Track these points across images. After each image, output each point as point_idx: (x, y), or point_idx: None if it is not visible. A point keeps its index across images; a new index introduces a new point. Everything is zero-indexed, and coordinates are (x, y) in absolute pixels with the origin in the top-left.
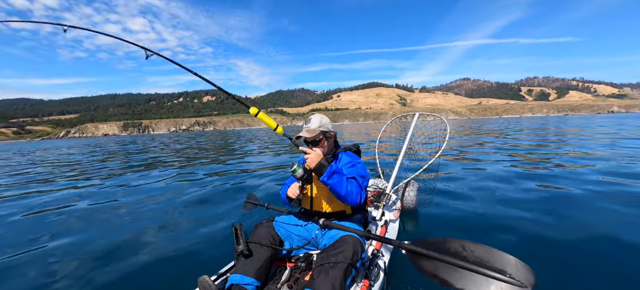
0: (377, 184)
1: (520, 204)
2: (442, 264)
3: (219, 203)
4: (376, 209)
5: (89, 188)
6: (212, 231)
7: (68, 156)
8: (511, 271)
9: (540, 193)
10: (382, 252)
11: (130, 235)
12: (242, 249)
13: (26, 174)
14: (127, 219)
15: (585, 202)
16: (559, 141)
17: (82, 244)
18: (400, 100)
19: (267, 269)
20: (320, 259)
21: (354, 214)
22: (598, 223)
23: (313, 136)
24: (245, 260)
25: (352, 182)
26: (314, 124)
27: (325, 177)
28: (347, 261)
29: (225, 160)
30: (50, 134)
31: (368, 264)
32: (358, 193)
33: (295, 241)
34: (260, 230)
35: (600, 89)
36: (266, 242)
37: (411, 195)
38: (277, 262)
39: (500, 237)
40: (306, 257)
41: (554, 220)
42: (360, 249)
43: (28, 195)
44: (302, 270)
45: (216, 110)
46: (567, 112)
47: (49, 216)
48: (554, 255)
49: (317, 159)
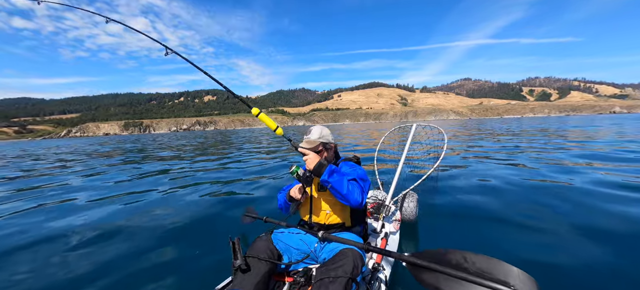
0: (376, 195)
1: (524, 213)
2: (443, 276)
3: (216, 215)
4: (376, 220)
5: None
6: (209, 245)
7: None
8: (514, 282)
9: (545, 201)
10: (383, 265)
11: (123, 247)
12: (239, 263)
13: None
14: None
15: (599, 212)
16: (563, 142)
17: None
18: (401, 100)
19: (266, 284)
20: (319, 273)
21: (353, 226)
22: (615, 240)
23: (313, 147)
24: (242, 275)
25: (352, 182)
26: (314, 135)
27: (326, 176)
28: (347, 275)
29: (222, 167)
30: (52, 134)
31: (369, 277)
32: (359, 192)
33: (294, 255)
34: (259, 244)
35: (602, 89)
36: (264, 257)
37: (411, 206)
38: (276, 277)
39: (502, 247)
40: (305, 271)
41: (559, 229)
42: (360, 263)
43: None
44: (301, 285)
45: (217, 110)
46: (568, 113)
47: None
48: (561, 268)
49: (316, 159)
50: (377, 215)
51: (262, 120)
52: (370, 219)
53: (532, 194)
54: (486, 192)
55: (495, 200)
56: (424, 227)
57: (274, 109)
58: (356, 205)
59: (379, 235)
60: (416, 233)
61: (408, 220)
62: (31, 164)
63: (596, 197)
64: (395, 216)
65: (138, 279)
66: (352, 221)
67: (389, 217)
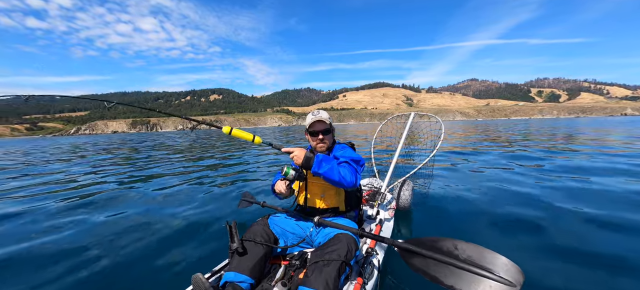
0: (372, 182)
1: (516, 204)
2: (433, 262)
3: (213, 200)
4: (371, 207)
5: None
6: (206, 228)
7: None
8: (501, 270)
9: (539, 193)
10: (376, 250)
11: (121, 231)
12: (236, 246)
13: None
14: (117, 216)
15: (589, 203)
16: (566, 142)
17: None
18: (407, 101)
19: (262, 267)
20: (314, 256)
21: (348, 212)
22: (599, 226)
23: (327, 125)
24: (239, 258)
25: (344, 165)
26: (324, 115)
27: (316, 168)
28: (340, 259)
29: (221, 157)
30: (62, 131)
31: (362, 261)
32: (352, 174)
33: (290, 239)
34: (255, 228)
35: (613, 90)
36: (261, 240)
37: (406, 194)
38: (272, 260)
39: (493, 237)
40: (301, 255)
41: (551, 221)
42: (354, 247)
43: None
44: (296, 268)
45: (222, 109)
46: (578, 114)
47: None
48: (549, 259)
49: (302, 153)
50: (373, 202)
51: (235, 135)
52: (366, 206)
53: (531, 186)
54: (481, 184)
55: (490, 191)
56: (418, 215)
57: (279, 109)
58: (351, 186)
59: (374, 222)
60: (410, 221)
61: (403, 208)
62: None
63: (598, 198)
64: (390, 204)
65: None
66: (347, 206)
67: (384, 204)
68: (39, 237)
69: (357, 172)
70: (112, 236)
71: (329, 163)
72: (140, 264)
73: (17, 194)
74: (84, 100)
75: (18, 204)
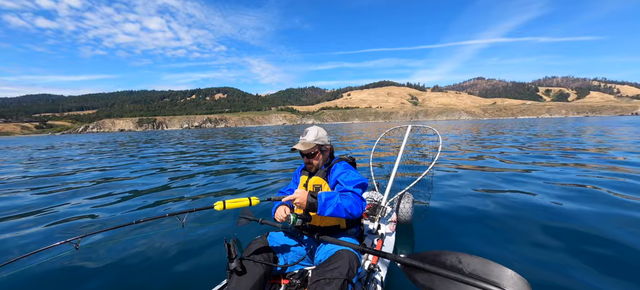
0: (372, 196)
1: (518, 215)
2: (438, 277)
3: (211, 216)
4: (372, 221)
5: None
6: (204, 247)
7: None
8: (507, 284)
9: (541, 205)
10: (378, 266)
11: (114, 250)
12: (234, 266)
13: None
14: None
15: (593, 216)
16: (563, 147)
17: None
18: (412, 100)
19: (261, 286)
20: (315, 275)
21: (349, 228)
22: (609, 241)
23: (308, 149)
24: (238, 278)
25: (348, 196)
26: (309, 137)
27: (321, 211)
28: (343, 277)
29: (221, 169)
30: (70, 129)
31: (365, 279)
32: (358, 205)
33: (290, 257)
34: (254, 246)
35: (624, 89)
36: (260, 259)
37: (407, 207)
38: (272, 279)
39: (497, 248)
40: (301, 273)
41: (555, 231)
42: (356, 264)
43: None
44: (297, 287)
45: (227, 108)
46: (587, 114)
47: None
48: (556, 270)
49: (304, 195)
50: (373, 216)
51: (230, 206)
52: (367, 220)
53: (530, 198)
54: (483, 194)
55: (492, 202)
56: (420, 229)
57: (284, 107)
58: (358, 217)
59: (375, 237)
60: (412, 234)
61: (404, 221)
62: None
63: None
64: (391, 217)
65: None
66: (348, 223)
67: (385, 218)
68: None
69: (362, 201)
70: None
71: (333, 201)
72: (136, 282)
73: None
74: (92, 99)
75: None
